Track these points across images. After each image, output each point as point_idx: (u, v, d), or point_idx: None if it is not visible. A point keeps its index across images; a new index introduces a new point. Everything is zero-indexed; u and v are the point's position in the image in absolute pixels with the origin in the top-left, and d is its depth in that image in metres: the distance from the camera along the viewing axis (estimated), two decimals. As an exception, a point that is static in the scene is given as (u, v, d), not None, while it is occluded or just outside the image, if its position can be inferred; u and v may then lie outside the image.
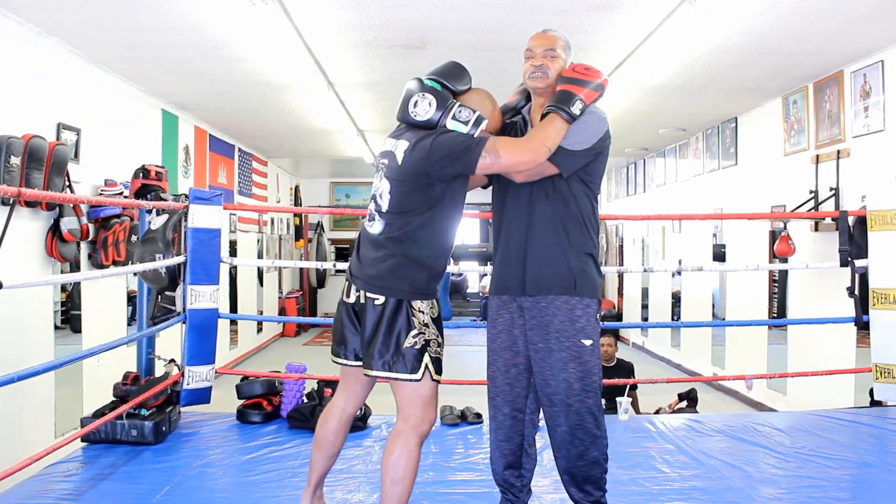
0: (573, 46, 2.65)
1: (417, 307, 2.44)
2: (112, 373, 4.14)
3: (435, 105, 2.44)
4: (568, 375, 2.47)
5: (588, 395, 2.49)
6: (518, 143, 2.47)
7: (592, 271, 2.55)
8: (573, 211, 2.53)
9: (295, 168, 13.79)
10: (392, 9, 4.66)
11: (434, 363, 2.44)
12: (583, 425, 2.49)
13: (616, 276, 13.20)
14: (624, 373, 6.28)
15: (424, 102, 2.45)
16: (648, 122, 8.51)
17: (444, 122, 2.44)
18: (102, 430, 3.57)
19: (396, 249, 2.44)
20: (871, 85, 5.50)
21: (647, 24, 4.88)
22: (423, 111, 2.45)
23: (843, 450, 3.56)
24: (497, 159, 2.39)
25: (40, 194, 3.39)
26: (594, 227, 2.59)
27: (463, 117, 2.43)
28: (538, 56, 2.56)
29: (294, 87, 6.83)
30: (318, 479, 2.65)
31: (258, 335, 11.53)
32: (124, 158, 6.20)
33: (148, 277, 4.07)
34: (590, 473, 2.53)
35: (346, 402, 2.64)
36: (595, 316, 2.52)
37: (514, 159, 2.42)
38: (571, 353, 2.47)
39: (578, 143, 2.49)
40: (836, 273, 4.66)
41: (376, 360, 2.43)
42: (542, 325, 2.51)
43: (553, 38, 2.58)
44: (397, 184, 2.46)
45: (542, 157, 2.43)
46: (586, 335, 2.49)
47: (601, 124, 2.54)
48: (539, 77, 2.55)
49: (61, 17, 4.73)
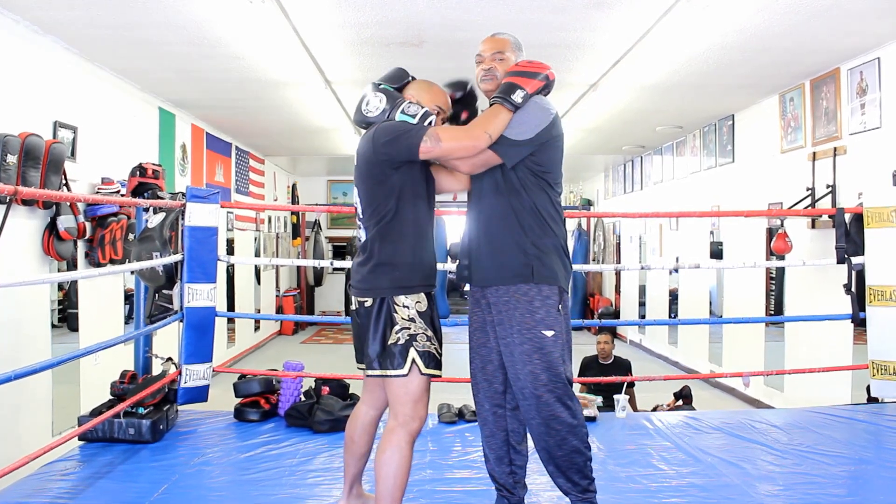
0: (570, 44, 2.67)
1: (401, 303, 2.47)
2: (109, 371, 4.13)
3: (384, 101, 2.57)
4: (533, 367, 2.49)
5: (556, 385, 2.49)
6: (460, 129, 2.57)
7: (551, 260, 2.54)
8: (526, 202, 2.55)
9: (292, 166, 13.78)
10: (389, 6, 4.66)
11: (423, 357, 2.45)
12: (556, 415, 2.50)
13: (613, 274, 13.22)
14: (621, 370, 6.30)
15: (375, 100, 2.60)
16: (645, 119, 8.52)
17: (393, 116, 2.55)
18: (100, 429, 3.57)
19: (373, 250, 2.50)
20: (868, 82, 5.51)
21: (643, 21, 4.88)
22: (374, 107, 2.59)
23: (839, 446, 3.57)
24: (437, 143, 2.46)
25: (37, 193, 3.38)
26: (554, 217, 2.59)
27: (411, 111, 2.54)
28: (487, 60, 2.65)
29: (291, 85, 6.82)
30: (351, 479, 2.71)
31: (255, 333, 11.53)
32: (121, 156, 6.19)
33: (145, 276, 4.07)
34: (572, 462, 2.54)
35: (369, 406, 2.69)
36: (556, 306, 2.52)
37: (453, 144, 2.49)
38: (533, 344, 2.49)
39: (521, 132, 2.52)
40: (833, 270, 4.66)
41: (371, 360, 2.49)
42: (506, 319, 2.54)
43: (501, 41, 2.67)
44: (361, 184, 2.56)
45: (482, 144, 2.50)
46: (546, 326, 2.49)
47: (544, 115, 2.56)
48: (489, 80, 2.64)
49: (58, 15, 4.72)
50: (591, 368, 6.39)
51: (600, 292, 14.11)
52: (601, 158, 12.65)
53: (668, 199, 10.20)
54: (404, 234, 2.50)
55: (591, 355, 6.55)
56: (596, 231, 13.93)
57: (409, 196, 2.52)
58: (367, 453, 2.70)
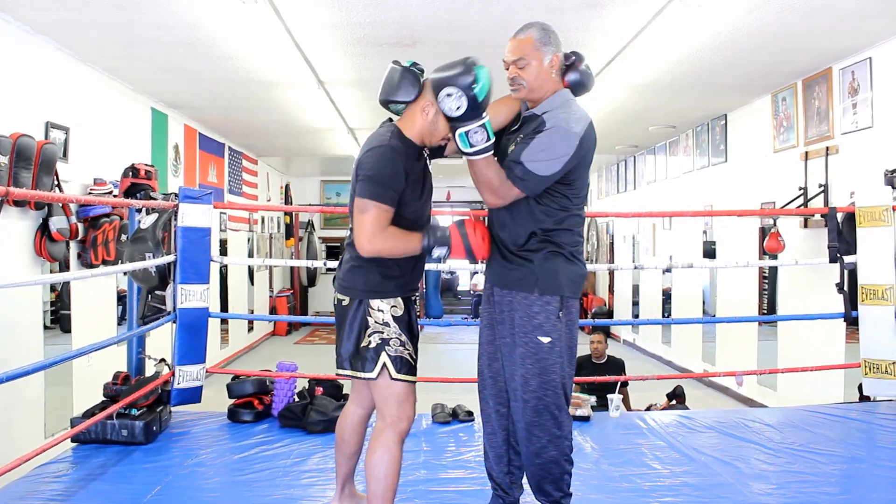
0: (564, 44, 2.62)
1: (376, 306, 2.46)
2: (102, 373, 4.12)
3: (463, 111, 2.37)
4: (525, 371, 2.48)
5: (546, 392, 2.47)
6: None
7: (559, 267, 2.49)
8: (547, 212, 2.50)
9: (285, 166, 13.76)
10: (382, 7, 4.65)
11: (394, 362, 2.44)
12: (539, 422, 2.48)
13: (607, 274, 13.23)
14: (615, 370, 6.31)
15: (456, 103, 2.38)
16: (638, 119, 8.53)
17: (455, 133, 2.41)
18: (93, 431, 3.56)
19: (352, 251, 2.48)
20: (860, 82, 5.53)
21: (637, 21, 4.89)
22: (448, 108, 2.38)
23: (832, 445, 3.58)
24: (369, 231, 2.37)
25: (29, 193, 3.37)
26: (568, 224, 2.52)
27: (474, 139, 2.40)
28: (511, 68, 2.54)
29: (284, 86, 6.81)
30: (343, 478, 2.71)
31: (249, 334, 11.51)
32: (113, 157, 6.17)
33: (138, 277, 4.06)
34: (548, 472, 2.51)
35: (357, 405, 2.69)
36: (556, 313, 2.48)
37: (386, 244, 2.41)
38: (529, 349, 2.48)
39: (546, 167, 2.43)
40: (826, 269, 4.68)
41: (342, 360, 2.50)
42: (507, 319, 2.54)
43: (522, 44, 2.52)
44: (352, 186, 2.48)
45: (502, 202, 2.49)
46: (544, 332, 2.47)
47: (569, 140, 2.44)
48: (516, 90, 2.56)
49: (50, 15, 4.70)
50: (584, 368, 6.39)
51: (594, 292, 14.13)
52: (594, 158, 12.63)
53: (662, 199, 10.22)
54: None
55: (584, 355, 6.54)
56: (589, 231, 13.94)
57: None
58: (358, 452, 2.70)
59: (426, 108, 2.45)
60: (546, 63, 2.52)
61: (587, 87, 2.68)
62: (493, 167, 2.47)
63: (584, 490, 2.99)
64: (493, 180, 2.46)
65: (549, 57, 2.52)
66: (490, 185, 2.47)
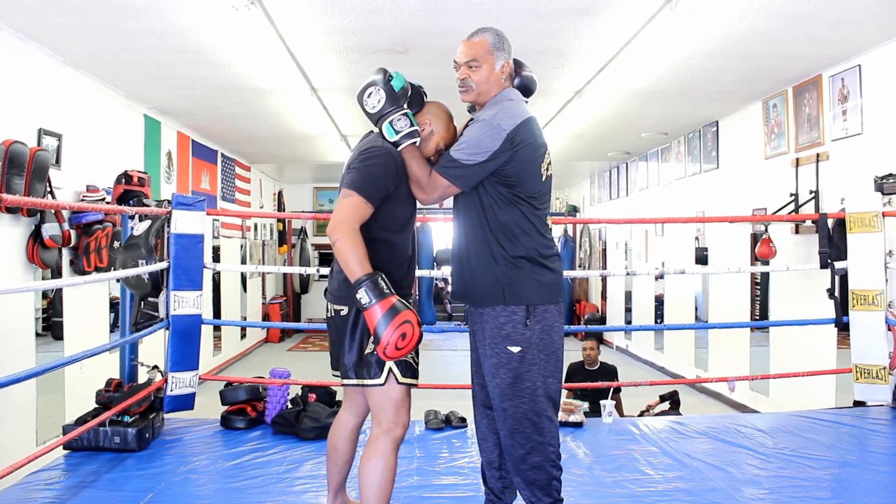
0: (555, 51, 2.64)
1: None
2: (94, 380, 4.11)
3: (384, 103, 2.45)
4: (500, 381, 2.48)
5: (522, 400, 2.47)
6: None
7: (523, 277, 2.46)
8: (498, 219, 2.47)
9: (278, 173, 13.76)
10: (374, 14, 4.67)
11: (399, 367, 2.44)
12: (520, 429, 2.49)
13: (599, 280, 13.26)
14: (607, 376, 6.32)
15: (378, 95, 2.45)
16: (630, 125, 8.57)
17: (382, 123, 2.45)
18: (85, 438, 3.55)
19: None
20: (850, 89, 5.57)
21: (628, 28, 4.92)
22: (373, 103, 2.45)
23: (824, 450, 3.60)
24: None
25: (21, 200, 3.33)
26: (528, 231, 2.48)
27: (398, 126, 2.44)
28: (461, 68, 2.54)
29: (277, 92, 6.82)
30: (336, 487, 2.71)
31: (242, 341, 11.49)
32: (106, 164, 6.17)
33: (130, 283, 4.05)
34: (534, 478, 2.51)
35: (350, 414, 2.68)
36: (523, 322, 2.46)
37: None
38: (500, 359, 2.48)
39: (472, 155, 2.42)
40: (817, 275, 4.71)
41: (346, 370, 2.48)
42: (479, 331, 2.56)
43: (476, 45, 2.53)
44: (341, 180, 2.49)
45: (431, 194, 2.50)
46: (513, 342, 2.46)
47: (494, 134, 2.41)
48: (465, 91, 2.55)
49: (42, 22, 4.70)
50: (577, 374, 6.40)
51: (586, 298, 14.14)
52: (587, 165, 12.71)
53: (654, 205, 10.25)
54: (374, 242, 2.41)
55: (577, 361, 6.56)
56: (582, 237, 13.99)
57: (382, 206, 2.44)
58: (351, 461, 2.70)
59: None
60: (497, 68, 2.53)
61: (531, 90, 2.72)
62: (420, 159, 2.51)
63: (577, 496, 3.00)
64: (418, 172, 2.49)
65: (501, 62, 2.54)
66: (416, 178, 2.49)
